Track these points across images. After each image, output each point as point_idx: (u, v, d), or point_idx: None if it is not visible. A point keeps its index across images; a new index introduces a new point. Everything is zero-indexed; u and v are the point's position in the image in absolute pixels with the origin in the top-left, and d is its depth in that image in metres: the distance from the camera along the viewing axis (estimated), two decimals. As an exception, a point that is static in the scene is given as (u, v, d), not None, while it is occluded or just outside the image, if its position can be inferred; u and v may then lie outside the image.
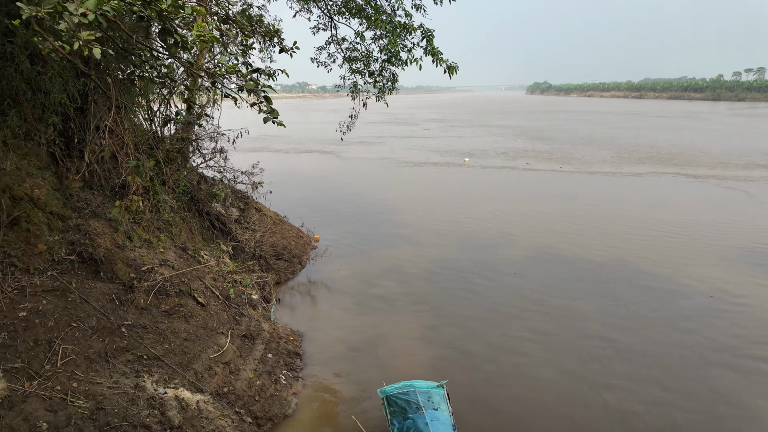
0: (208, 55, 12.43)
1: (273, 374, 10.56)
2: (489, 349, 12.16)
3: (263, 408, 9.58)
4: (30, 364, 7.15)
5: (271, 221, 18.64)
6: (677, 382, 10.73)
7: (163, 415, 7.79)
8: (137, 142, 10.07)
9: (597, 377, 10.91)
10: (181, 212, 12.61)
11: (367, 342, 12.60)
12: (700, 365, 11.38)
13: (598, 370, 11.21)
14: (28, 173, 8.24)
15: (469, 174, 36.17)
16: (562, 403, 10.10)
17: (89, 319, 8.31)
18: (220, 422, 8.43)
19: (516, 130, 69.96)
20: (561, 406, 10.01)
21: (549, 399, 10.24)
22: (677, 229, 21.65)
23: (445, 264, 17.98)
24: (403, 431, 8.01)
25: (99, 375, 7.72)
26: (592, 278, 16.41)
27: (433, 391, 8.80)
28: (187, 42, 4.26)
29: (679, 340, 12.45)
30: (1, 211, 7.81)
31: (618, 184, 31.90)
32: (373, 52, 13.86)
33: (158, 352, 8.89)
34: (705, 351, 11.98)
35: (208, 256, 12.80)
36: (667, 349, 12.05)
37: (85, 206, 9.75)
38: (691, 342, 12.39)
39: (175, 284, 10.23)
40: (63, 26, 3.21)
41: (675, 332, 12.85)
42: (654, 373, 11.02)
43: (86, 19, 3.16)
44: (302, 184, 31.94)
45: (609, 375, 11.01)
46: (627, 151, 46.58)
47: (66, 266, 8.65)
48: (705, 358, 11.71)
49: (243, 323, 11.45)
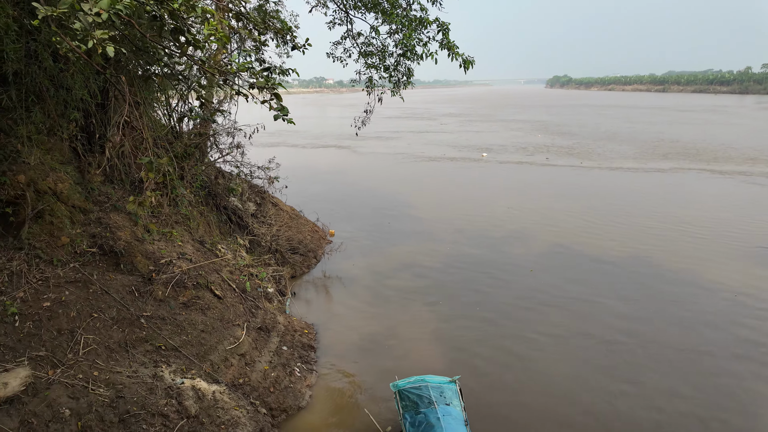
0: (223, 52, 12.57)
1: (287, 366, 10.71)
2: (502, 346, 12.09)
3: (278, 399, 9.73)
4: (53, 352, 7.39)
5: (287, 216, 18.81)
6: (695, 390, 10.29)
7: (180, 405, 7.99)
8: (156, 137, 10.27)
9: (608, 381, 10.59)
10: (199, 206, 12.83)
11: (381, 336, 12.67)
12: (720, 373, 10.88)
13: (610, 372, 10.93)
14: (51, 168, 8.49)
15: (487, 169, 35.79)
16: (573, 403, 9.98)
17: (110, 310, 8.55)
18: (236, 413, 8.59)
19: (535, 124, 68.64)
20: (572, 406, 9.90)
21: (560, 398, 10.14)
22: (701, 227, 21.08)
23: (460, 259, 17.90)
24: (415, 425, 8.05)
25: (119, 364, 7.94)
26: (611, 277, 16.09)
27: (446, 387, 8.80)
28: (198, 41, 4.32)
29: (699, 345, 11.99)
30: (26, 205, 8.08)
31: (640, 181, 31.08)
32: (388, 46, 13.81)
33: (176, 343, 9.10)
34: (726, 357, 11.47)
35: (225, 249, 13.00)
36: (686, 354, 11.61)
37: (106, 200, 10.00)
38: (711, 347, 11.90)
39: (192, 277, 10.44)
40: (78, 25, 3.29)
41: (695, 335, 12.45)
42: (670, 380, 10.58)
43: (100, 18, 3.24)
44: (318, 179, 32.12)
45: (621, 379, 10.68)
46: (650, 146, 45.32)
47: (87, 258, 8.90)
48: (726, 365, 11.19)
49: (259, 316, 11.62)
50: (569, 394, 10.19)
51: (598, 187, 29.21)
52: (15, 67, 6.68)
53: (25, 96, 7.38)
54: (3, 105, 7.37)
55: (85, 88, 7.78)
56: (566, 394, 10.21)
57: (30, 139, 7.68)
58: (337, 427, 9.44)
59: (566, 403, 9.94)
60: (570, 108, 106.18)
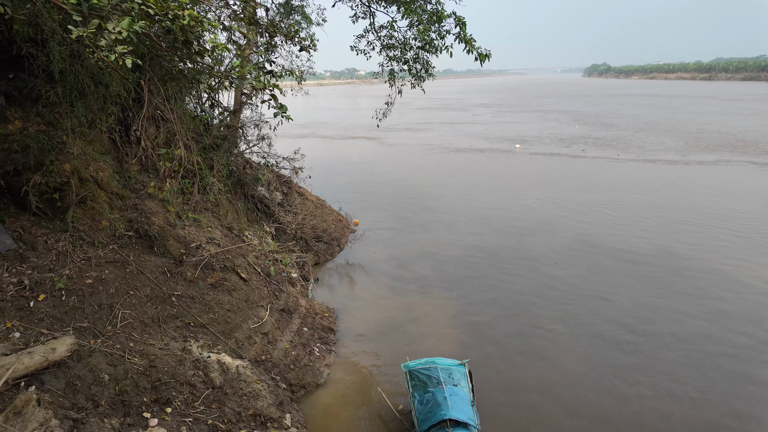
0: (251, 50, 13.18)
1: (308, 346, 11.31)
2: (516, 337, 12.26)
3: (297, 376, 10.34)
4: (95, 324, 8.20)
5: (313, 205, 19.45)
6: (711, 394, 9.86)
7: (206, 376, 8.69)
8: (186, 129, 10.98)
9: (618, 381, 10.33)
10: (228, 195, 13.57)
11: (398, 321, 13.10)
12: (744, 380, 10.29)
13: (623, 371, 10.62)
14: (92, 157, 9.29)
15: (519, 161, 35.23)
16: (583, 395, 10.08)
17: (144, 289, 9.33)
18: (257, 386, 9.24)
19: (573, 115, 66.36)
20: (581, 398, 10.01)
21: (571, 391, 10.23)
22: (739, 223, 20.15)
23: (481, 250, 18.07)
24: (423, 403, 8.46)
25: (152, 337, 8.70)
26: (635, 273, 15.61)
27: (455, 369, 9.15)
28: (205, 50, 4.83)
29: (722, 347, 11.44)
30: (70, 191, 8.91)
31: (679, 173, 29.87)
32: (409, 39, 14.07)
33: (204, 320, 9.82)
34: (753, 364, 10.91)
35: (252, 236, 13.71)
36: (706, 357, 11.07)
37: (142, 188, 10.81)
38: (736, 350, 11.37)
39: (220, 260, 11.15)
40: (103, 42, 3.85)
41: (717, 337, 11.90)
42: (683, 383, 10.16)
43: (121, 36, 3.79)
44: (346, 170, 32.70)
45: (631, 379, 10.37)
46: (693, 138, 43.23)
47: (125, 241, 9.71)
48: (753, 372, 10.61)
49: (282, 298, 12.27)
50: (576, 389, 10.14)
51: (633, 180, 28.28)
52: (61, 66, 7.43)
53: (69, 92, 8.16)
54: (50, 100, 8.18)
55: (121, 84, 8.51)
56: (573, 389, 10.19)
57: (73, 131, 8.47)
58: (352, 403, 9.97)
59: (572, 397, 9.94)
60: (609, 98, 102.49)
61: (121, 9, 3.99)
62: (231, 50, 12.72)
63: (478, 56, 11.03)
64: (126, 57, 3.96)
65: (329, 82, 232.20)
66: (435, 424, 8.01)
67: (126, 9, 4.00)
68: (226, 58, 12.49)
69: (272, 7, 15.51)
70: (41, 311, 7.79)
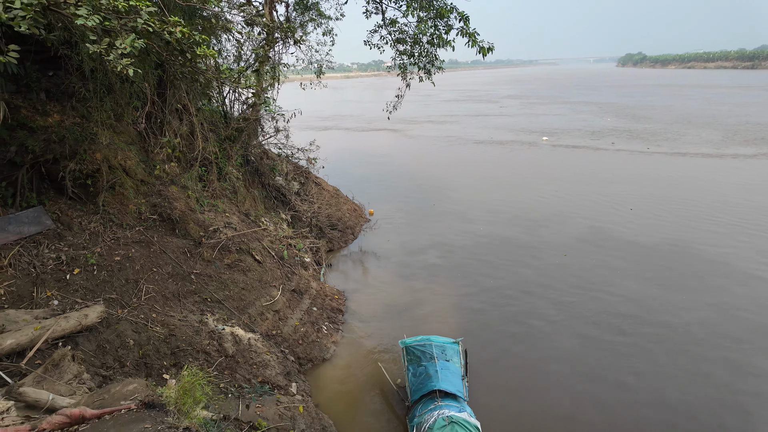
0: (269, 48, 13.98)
1: (316, 324, 12.10)
2: (514, 322, 12.74)
3: (305, 350, 11.15)
4: (122, 296, 9.17)
5: (329, 195, 20.23)
6: (703, 397, 9.81)
7: (220, 346, 9.57)
8: (204, 121, 11.85)
9: (611, 373, 10.46)
10: (246, 183, 14.46)
11: (404, 304, 13.74)
12: (741, 370, 10.25)
13: (615, 364, 10.71)
14: (120, 147, 10.26)
15: (542, 153, 34.70)
16: (571, 375, 10.51)
17: (166, 266, 10.28)
18: (267, 356, 10.08)
19: (604, 107, 64.09)
20: (569, 378, 10.46)
21: (560, 372, 10.69)
22: (763, 218, 19.67)
23: (491, 240, 18.46)
24: (416, 375, 9.11)
25: (172, 310, 9.64)
26: (646, 268, 15.44)
27: (448, 346, 9.75)
28: (197, 57, 5.60)
29: (725, 348, 11.20)
30: (101, 177, 9.90)
31: (709, 167, 28.88)
32: (418, 35, 14.54)
33: (220, 297, 10.72)
34: (749, 354, 10.98)
35: (268, 222, 14.58)
36: (707, 353, 10.97)
37: (165, 175, 11.77)
38: (733, 343, 11.38)
39: (236, 243, 12.04)
40: (112, 57, 4.67)
41: (720, 335, 11.76)
42: (673, 381, 10.10)
43: (126, 51, 4.61)
44: (366, 162, 33.32)
45: (621, 378, 10.40)
46: (732, 130, 41.21)
47: (149, 223, 10.68)
48: (754, 363, 10.60)
49: (294, 280, 13.09)
50: (565, 381, 10.30)
51: (658, 174, 27.51)
52: (90, 65, 8.33)
53: (98, 88, 9.09)
54: (82, 96, 9.13)
55: (144, 81, 9.39)
56: (562, 380, 10.40)
57: (103, 123, 9.42)
58: (354, 377, 10.71)
59: (559, 388, 10.17)
60: (642, 88, 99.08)
61: (129, 27, 4.80)
62: (225, 54, 13.52)
63: (481, 50, 11.44)
64: (129, 68, 4.77)
65: (356, 74, 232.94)
66: (425, 394, 8.65)
67: (132, 27, 4.82)
68: (229, 58, 13.37)
69: (290, 5, 16.26)
70: (76, 283, 8.80)
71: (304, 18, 15.58)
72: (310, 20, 15.79)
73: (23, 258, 8.65)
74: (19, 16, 4.16)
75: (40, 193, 9.67)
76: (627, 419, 9.23)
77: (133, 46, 4.88)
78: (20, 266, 8.52)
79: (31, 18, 4.20)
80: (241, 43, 13.88)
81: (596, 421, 9.21)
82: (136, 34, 4.95)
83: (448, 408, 8.15)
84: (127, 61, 4.84)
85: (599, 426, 9.08)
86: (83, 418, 3.43)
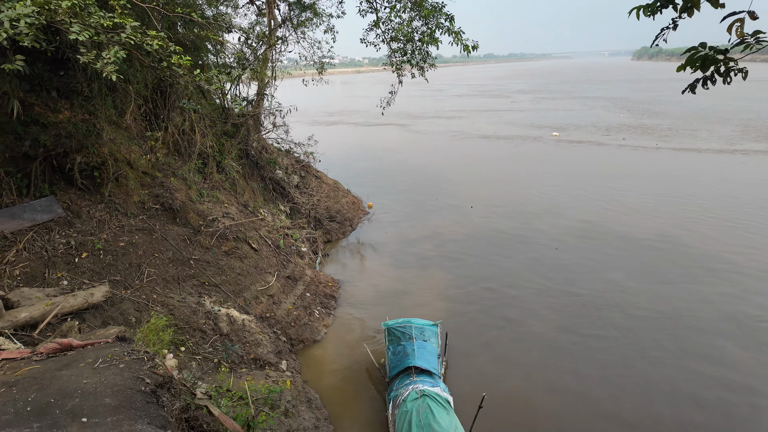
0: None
1: (309, 309, 12.84)
2: (498, 311, 13.31)
3: (297, 332, 11.90)
4: (125, 278, 10.00)
5: (329, 188, 20.93)
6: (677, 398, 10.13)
7: (215, 325, 10.35)
8: (203, 117, 12.61)
9: (591, 369, 10.62)
10: (245, 176, 15.23)
11: (395, 292, 14.42)
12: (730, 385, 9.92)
13: (594, 360, 10.87)
14: (125, 142, 11.07)
15: (551, 149, 34.56)
16: (543, 354, 11.09)
17: (167, 252, 11.09)
18: (259, 336, 10.84)
19: (617, 102, 62.82)
20: (540, 356, 11.04)
21: (536, 350, 11.31)
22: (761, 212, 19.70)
23: (485, 232, 18.99)
24: (395, 354, 9.78)
25: (172, 292, 10.44)
26: (637, 263, 15.57)
27: (428, 328, 10.39)
28: (172, 64, 6.36)
29: (710, 347, 11.16)
30: (107, 170, 10.72)
31: (717, 163, 28.46)
32: (410, 33, 15.09)
33: (217, 281, 11.51)
34: (713, 336, 11.55)
35: (266, 213, 15.34)
36: (682, 356, 10.87)
37: (168, 168, 12.58)
38: (699, 323, 11.91)
39: (233, 231, 12.81)
40: (99, 64, 5.44)
41: (703, 333, 11.82)
42: (648, 384, 10.04)
43: (110, 60, 5.39)
44: (369, 156, 33.90)
45: (593, 374, 10.65)
46: (752, 127, 40.00)
47: (152, 213, 11.49)
48: (739, 359, 10.70)
49: (289, 267, 13.84)
50: (542, 373, 10.60)
51: (662, 170, 27.24)
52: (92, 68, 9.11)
53: (101, 88, 9.87)
54: (87, 95, 9.93)
55: (142, 82, 10.15)
56: (539, 372, 10.73)
57: (108, 120, 10.22)
58: (342, 357, 11.43)
59: (536, 375, 10.64)
60: (656, 83, 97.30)
61: (114, 40, 5.58)
62: (189, 64, 14.34)
63: (464, 48, 11.98)
64: (113, 74, 5.55)
65: (367, 68, 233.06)
66: (402, 371, 9.33)
67: (117, 40, 5.60)
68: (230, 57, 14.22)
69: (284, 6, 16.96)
70: (84, 266, 9.64)
71: (301, 17, 16.23)
72: (308, 20, 16.44)
73: (36, 243, 9.50)
74: (23, 33, 4.91)
75: (52, 183, 10.52)
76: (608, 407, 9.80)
77: (116, 56, 5.65)
78: (34, 250, 9.37)
79: (33, 35, 4.96)
80: (241, 44, 14.65)
81: (579, 408, 9.72)
82: (121, 46, 5.71)
83: (422, 383, 8.81)
84: (111, 67, 5.60)
85: (582, 412, 9.62)
86: (71, 346, 4.26)
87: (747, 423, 9.09)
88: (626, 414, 9.33)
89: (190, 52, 12.21)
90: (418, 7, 12.68)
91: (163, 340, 6.39)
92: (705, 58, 3.72)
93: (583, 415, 9.38)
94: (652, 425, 9.06)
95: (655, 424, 9.09)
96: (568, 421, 9.23)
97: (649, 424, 9.07)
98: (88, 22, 5.49)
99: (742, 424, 9.08)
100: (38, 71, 10.09)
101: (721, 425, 9.05)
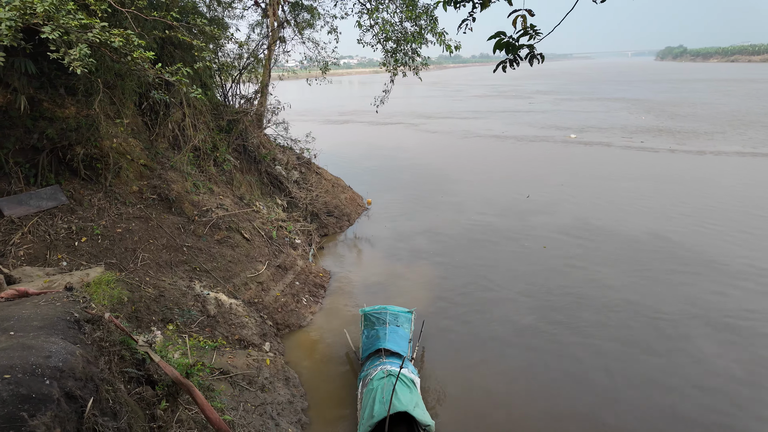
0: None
1: (297, 296, 13.48)
2: (478, 297, 13.78)
3: (283, 318, 12.54)
4: (121, 262, 10.78)
5: (329, 184, 21.59)
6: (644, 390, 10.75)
7: (203, 307, 11.05)
8: (200, 113, 13.38)
9: (558, 361, 10.82)
10: (242, 170, 15.98)
11: (383, 283, 14.95)
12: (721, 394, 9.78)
13: (562, 354, 11.01)
14: (126, 136, 11.89)
15: (564, 149, 34.13)
16: (519, 364, 11.29)
17: (161, 239, 11.86)
18: (246, 319, 11.51)
19: (638, 103, 61.16)
20: (518, 368, 11.34)
21: (509, 335, 11.71)
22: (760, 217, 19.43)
23: (478, 228, 19.36)
24: (369, 337, 10.32)
25: (164, 276, 11.19)
26: (624, 265, 15.46)
27: (402, 315, 10.91)
28: (138, 63, 7.08)
29: (690, 354, 11.04)
30: (109, 161, 11.55)
31: (733, 165, 27.80)
32: (403, 34, 15.63)
33: (208, 267, 12.23)
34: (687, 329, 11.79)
35: (262, 206, 16.05)
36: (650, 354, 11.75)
37: (167, 161, 13.39)
38: (670, 316, 12.21)
39: (226, 222, 13.54)
40: (66, 60, 6.18)
41: (673, 332, 12.01)
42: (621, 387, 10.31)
43: (77, 56, 6.18)
44: (374, 154, 34.41)
45: (559, 332, 11.58)
46: None
47: (149, 202, 12.29)
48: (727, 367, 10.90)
49: (280, 257, 14.51)
50: (522, 363, 10.86)
51: (674, 172, 26.71)
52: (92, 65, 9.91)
53: (103, 85, 10.69)
54: (88, 91, 10.76)
55: (135, 80, 10.95)
56: (513, 335, 11.65)
57: (108, 115, 11.04)
58: (325, 341, 12.03)
59: (511, 360, 11.15)
60: (680, 83, 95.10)
61: (82, 39, 6.32)
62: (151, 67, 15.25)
63: (447, 47, 12.46)
64: (78, 68, 6.30)
65: (385, 70, 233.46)
66: (374, 353, 9.86)
67: (85, 39, 6.33)
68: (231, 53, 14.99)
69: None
70: (83, 249, 10.46)
71: (299, 18, 16.92)
72: (306, 21, 17.12)
73: (40, 227, 10.36)
74: (3, 34, 5.66)
75: (58, 173, 11.40)
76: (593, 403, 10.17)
77: (81, 53, 6.39)
78: (38, 233, 10.23)
79: (11, 35, 5.71)
80: (241, 44, 15.42)
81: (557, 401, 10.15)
82: (88, 44, 6.45)
83: (390, 364, 9.33)
84: (77, 63, 6.33)
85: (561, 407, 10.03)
86: (27, 293, 5.01)
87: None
88: (610, 416, 9.69)
89: (189, 52, 12.98)
90: (407, 7, 13.22)
91: (113, 296, 7.37)
92: (508, 44, 4.71)
93: (557, 413, 9.76)
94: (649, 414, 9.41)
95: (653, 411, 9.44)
96: (535, 420, 9.40)
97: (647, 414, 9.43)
98: (59, 23, 6.22)
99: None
100: (46, 70, 10.96)
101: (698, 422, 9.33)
